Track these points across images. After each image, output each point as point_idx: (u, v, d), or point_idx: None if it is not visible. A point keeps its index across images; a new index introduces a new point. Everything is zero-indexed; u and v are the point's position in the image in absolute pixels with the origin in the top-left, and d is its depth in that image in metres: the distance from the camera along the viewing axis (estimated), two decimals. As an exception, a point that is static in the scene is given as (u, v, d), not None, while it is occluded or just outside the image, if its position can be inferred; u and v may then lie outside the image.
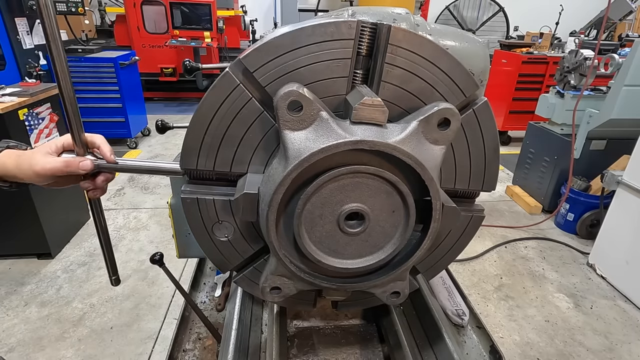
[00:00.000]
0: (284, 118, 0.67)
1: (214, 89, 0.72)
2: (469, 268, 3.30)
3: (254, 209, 0.73)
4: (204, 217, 0.81)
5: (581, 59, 3.64)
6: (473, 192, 0.89)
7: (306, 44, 0.70)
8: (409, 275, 0.94)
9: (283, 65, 0.71)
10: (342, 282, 0.82)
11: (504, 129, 5.99)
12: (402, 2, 2.33)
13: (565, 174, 3.70)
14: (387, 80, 0.74)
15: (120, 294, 2.87)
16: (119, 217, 3.88)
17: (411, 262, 0.79)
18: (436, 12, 9.57)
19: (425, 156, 0.70)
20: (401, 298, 0.87)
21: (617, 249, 3.05)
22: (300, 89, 0.66)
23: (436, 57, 0.74)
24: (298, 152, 0.67)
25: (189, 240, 1.17)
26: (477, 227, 0.91)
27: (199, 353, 1.16)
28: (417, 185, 0.73)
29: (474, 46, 1.25)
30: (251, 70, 0.71)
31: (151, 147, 5.68)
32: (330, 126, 0.67)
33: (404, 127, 0.71)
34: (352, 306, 1.02)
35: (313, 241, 0.75)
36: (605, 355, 2.50)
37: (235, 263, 0.88)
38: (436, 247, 0.92)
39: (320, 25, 0.69)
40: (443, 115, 0.70)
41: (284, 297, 0.84)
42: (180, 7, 6.98)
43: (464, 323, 1.22)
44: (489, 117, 0.80)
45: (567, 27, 7.91)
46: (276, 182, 0.68)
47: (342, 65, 0.72)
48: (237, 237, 0.84)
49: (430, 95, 0.76)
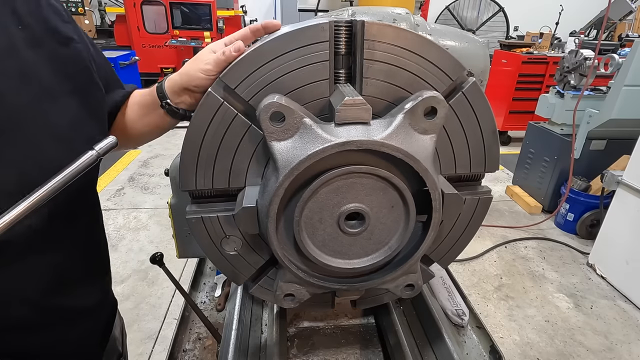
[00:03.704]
0: (268, 130, 0.67)
1: (200, 110, 0.73)
2: (469, 268, 3.30)
3: (254, 221, 0.73)
4: (210, 234, 0.82)
5: (581, 59, 3.64)
6: (476, 174, 0.88)
7: (282, 53, 0.70)
8: (423, 266, 0.94)
9: (263, 77, 0.71)
10: (353, 281, 0.82)
11: (504, 129, 5.99)
12: (402, 2, 2.34)
13: (565, 174, 3.71)
14: (368, 76, 0.73)
15: (120, 294, 2.87)
16: (119, 217, 3.88)
17: (419, 254, 0.79)
18: (436, 12, 9.58)
19: (415, 148, 0.69)
20: (416, 290, 0.86)
21: (617, 249, 3.05)
22: (281, 99, 0.66)
23: (415, 45, 0.73)
24: (287, 162, 0.67)
25: (189, 240, 1.17)
26: (486, 209, 0.90)
27: (199, 353, 1.16)
28: (414, 177, 0.72)
29: (474, 46, 1.25)
30: (232, 87, 0.72)
31: (151, 147, 5.68)
32: (315, 132, 0.67)
33: (390, 121, 0.70)
34: (371, 303, 1.02)
35: (317, 245, 0.75)
36: (605, 355, 2.51)
37: (248, 274, 0.89)
38: (447, 235, 0.92)
39: (292, 33, 0.70)
40: (428, 104, 0.69)
41: (299, 303, 0.84)
42: (180, 7, 6.99)
43: (464, 323, 1.22)
44: (480, 97, 0.79)
45: (567, 27, 7.91)
46: (271, 193, 0.68)
47: (321, 68, 0.72)
48: (246, 249, 0.85)
49: (416, 84, 0.75)
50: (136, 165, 5.14)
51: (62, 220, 0.75)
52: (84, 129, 0.76)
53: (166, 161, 5.19)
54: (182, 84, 0.82)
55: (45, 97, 0.70)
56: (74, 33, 0.78)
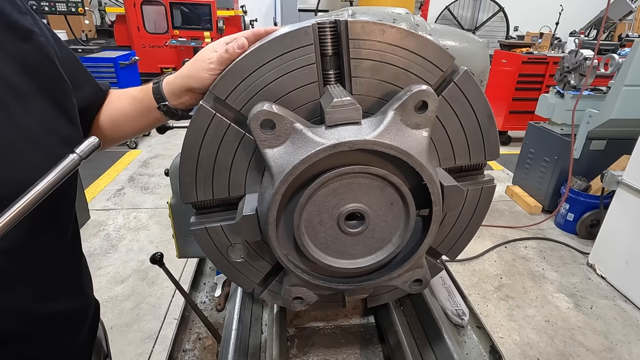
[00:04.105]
0: (259, 138, 0.67)
1: (194, 123, 0.74)
2: (469, 268, 3.30)
3: (256, 228, 0.74)
4: (216, 243, 0.83)
5: (581, 59, 3.64)
6: (477, 164, 0.88)
7: (267, 60, 0.70)
8: (431, 259, 0.94)
9: (251, 85, 0.72)
10: (359, 281, 0.82)
11: (504, 129, 5.99)
12: (402, 2, 2.34)
13: (565, 174, 3.71)
14: (357, 75, 0.73)
15: (120, 294, 2.87)
16: (119, 217, 3.88)
17: (423, 249, 0.79)
18: (436, 12, 9.57)
19: (409, 143, 0.69)
20: (424, 285, 0.86)
21: (617, 249, 3.05)
22: (270, 106, 0.66)
23: (401, 40, 0.72)
24: (281, 168, 0.67)
25: (189, 240, 1.17)
26: (490, 198, 0.90)
27: (199, 353, 1.16)
28: (412, 173, 0.72)
29: (474, 46, 1.25)
30: (223, 98, 0.72)
31: (151, 147, 5.68)
32: (306, 136, 0.67)
33: (381, 119, 0.69)
34: (382, 300, 1.03)
35: (319, 248, 0.75)
36: (605, 355, 2.50)
37: (256, 280, 0.90)
38: (452, 227, 0.91)
39: (276, 39, 0.70)
40: (418, 98, 0.68)
41: (308, 305, 0.85)
42: (180, 7, 6.98)
43: (464, 323, 1.22)
44: (473, 86, 0.78)
45: (567, 27, 7.91)
46: (268, 200, 0.68)
47: (308, 71, 0.72)
48: (252, 255, 0.86)
49: (406, 78, 0.75)
50: (136, 165, 5.14)
51: (44, 228, 0.72)
52: (58, 129, 0.71)
53: (166, 161, 5.20)
54: (183, 85, 0.81)
55: (12, 99, 0.64)
56: (34, 25, 0.71)
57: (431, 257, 0.95)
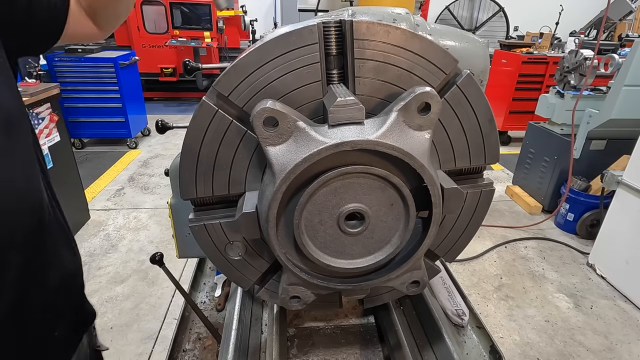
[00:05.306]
0: (262, 135, 0.67)
1: (195, 119, 0.73)
2: (469, 268, 3.30)
3: (255, 226, 0.74)
4: (214, 240, 0.83)
5: (581, 59, 3.64)
6: (477, 167, 0.88)
7: (272, 58, 0.70)
8: (429, 262, 0.94)
9: (255, 83, 0.71)
10: (357, 281, 0.82)
11: (504, 129, 5.99)
12: (402, 2, 2.33)
13: (565, 174, 3.70)
14: (361, 75, 0.73)
15: (120, 294, 2.87)
16: (119, 217, 3.88)
17: (422, 251, 0.79)
18: (436, 12, 9.57)
19: (411, 144, 0.69)
20: (422, 287, 0.86)
21: (617, 249, 3.05)
22: (273, 104, 0.66)
23: (406, 41, 0.73)
24: (283, 166, 0.67)
25: (189, 240, 1.17)
26: (489, 202, 0.90)
27: (199, 353, 1.16)
28: (413, 174, 0.72)
29: (474, 46, 1.25)
30: (225, 95, 0.72)
31: (151, 147, 5.68)
32: (308, 134, 0.67)
33: (384, 119, 0.69)
34: (378, 301, 1.03)
35: (318, 247, 0.75)
36: (605, 355, 2.50)
37: (254, 278, 0.90)
38: (450, 229, 0.91)
39: (281, 37, 0.70)
40: (421, 100, 0.68)
41: (305, 304, 0.85)
42: (180, 7, 6.98)
43: (464, 323, 1.22)
44: (475, 89, 0.78)
45: (567, 27, 7.91)
46: (269, 198, 0.68)
47: (312, 70, 0.72)
48: (250, 253, 0.86)
49: (409, 80, 0.75)
50: (136, 165, 5.14)
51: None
52: None
53: (166, 161, 5.20)
54: None
55: None
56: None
57: (429, 259, 0.95)
